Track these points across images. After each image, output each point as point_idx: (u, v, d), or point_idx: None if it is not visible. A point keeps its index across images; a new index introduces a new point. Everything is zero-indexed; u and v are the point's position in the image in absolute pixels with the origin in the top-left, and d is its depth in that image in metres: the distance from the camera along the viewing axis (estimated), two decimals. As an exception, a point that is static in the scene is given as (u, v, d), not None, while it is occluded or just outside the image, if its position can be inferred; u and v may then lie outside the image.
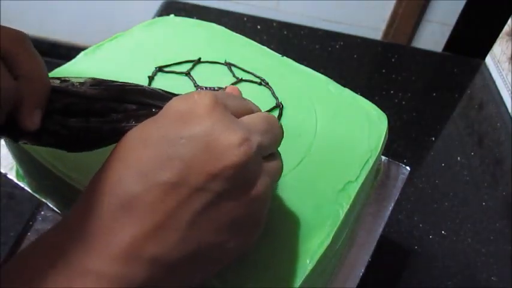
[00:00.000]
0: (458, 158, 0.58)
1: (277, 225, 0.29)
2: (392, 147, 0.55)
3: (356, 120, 0.37)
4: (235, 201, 0.23)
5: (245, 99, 0.27)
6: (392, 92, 0.66)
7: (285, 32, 0.74)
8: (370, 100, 0.39)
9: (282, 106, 0.37)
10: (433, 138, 0.60)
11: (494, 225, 0.50)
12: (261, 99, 0.37)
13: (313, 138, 0.35)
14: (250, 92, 0.38)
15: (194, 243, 0.22)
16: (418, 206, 0.51)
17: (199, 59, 0.40)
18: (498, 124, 0.64)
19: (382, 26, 1.36)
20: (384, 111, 0.39)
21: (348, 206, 0.31)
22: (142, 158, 0.22)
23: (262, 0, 1.36)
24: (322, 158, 0.34)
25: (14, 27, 0.25)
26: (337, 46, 0.73)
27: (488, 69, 0.73)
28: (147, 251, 0.21)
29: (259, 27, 0.72)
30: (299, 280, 0.27)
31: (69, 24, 1.60)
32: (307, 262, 0.28)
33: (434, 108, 0.65)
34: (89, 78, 0.26)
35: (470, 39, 1.07)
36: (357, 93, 0.40)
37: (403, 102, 0.65)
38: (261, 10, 1.34)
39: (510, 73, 0.67)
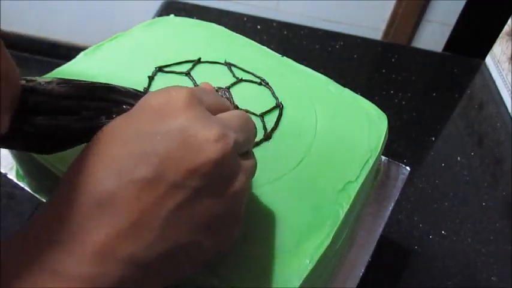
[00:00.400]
0: (458, 158, 0.58)
1: (277, 225, 0.29)
2: (392, 147, 0.55)
3: (356, 120, 0.37)
4: (212, 199, 0.22)
5: (220, 96, 0.27)
6: (392, 92, 0.66)
7: (285, 32, 0.74)
8: (370, 100, 0.39)
9: (282, 106, 0.37)
10: (433, 138, 0.60)
11: (494, 225, 0.50)
12: (261, 99, 0.37)
13: (313, 138, 0.35)
14: (250, 92, 0.38)
15: (171, 242, 0.21)
16: (418, 206, 0.51)
17: (199, 59, 0.40)
18: (498, 124, 0.64)
19: (382, 26, 1.36)
20: (384, 111, 0.39)
21: (348, 206, 0.31)
22: (117, 154, 0.22)
23: (262, 0, 1.36)
24: (322, 158, 0.34)
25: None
26: (337, 46, 0.73)
27: (488, 69, 0.73)
28: (122, 250, 0.20)
29: (259, 27, 0.72)
30: (299, 280, 0.27)
31: (69, 24, 1.60)
32: (306, 262, 0.28)
33: (434, 108, 0.65)
34: (56, 78, 0.25)
35: (470, 39, 1.07)
36: (356, 93, 0.40)
37: (403, 102, 0.65)
38: (261, 10, 1.34)
39: (510, 73, 0.67)
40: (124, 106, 0.26)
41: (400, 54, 0.76)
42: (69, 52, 1.75)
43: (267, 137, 0.35)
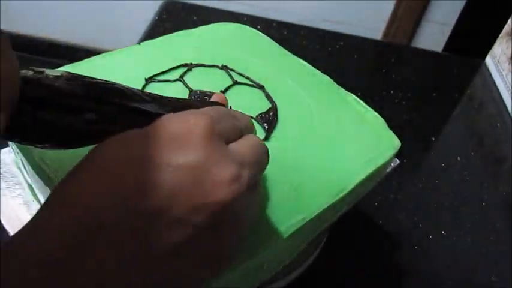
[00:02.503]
0: (458, 158, 0.58)
1: (269, 225, 0.29)
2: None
3: (360, 135, 0.36)
4: (216, 236, 0.21)
5: (234, 116, 0.26)
6: (392, 92, 0.66)
7: (285, 32, 0.74)
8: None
9: (277, 108, 0.37)
10: (433, 138, 0.60)
11: (494, 225, 0.50)
12: (257, 101, 0.38)
13: (310, 141, 0.35)
14: (246, 95, 0.38)
15: (163, 276, 0.20)
16: (418, 206, 0.51)
17: (191, 63, 0.40)
18: (498, 124, 0.64)
19: (382, 26, 1.36)
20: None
21: (343, 210, 0.31)
22: (123, 180, 0.20)
23: (262, 0, 1.36)
24: (318, 162, 0.34)
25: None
26: (337, 46, 0.73)
27: (488, 69, 0.73)
28: (116, 280, 0.19)
29: (259, 27, 0.72)
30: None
31: (69, 24, 1.60)
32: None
33: (434, 108, 0.65)
34: (66, 72, 0.25)
35: (470, 39, 1.07)
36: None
37: (403, 102, 0.65)
38: (261, 10, 1.34)
39: (510, 73, 0.67)
40: (132, 115, 0.25)
41: (400, 54, 0.76)
42: (69, 52, 1.76)
43: (265, 138, 0.35)
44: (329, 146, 0.35)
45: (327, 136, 0.36)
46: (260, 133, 0.35)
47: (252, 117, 0.36)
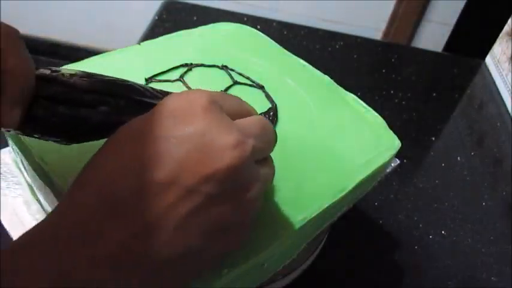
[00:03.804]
0: (458, 158, 0.58)
1: (267, 224, 0.29)
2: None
3: (360, 135, 0.36)
4: (226, 205, 0.22)
5: (241, 101, 0.27)
6: (392, 92, 0.66)
7: (285, 32, 0.74)
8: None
9: (277, 107, 0.37)
10: (433, 138, 0.60)
11: (494, 225, 0.50)
12: (258, 101, 0.38)
13: (310, 141, 0.35)
14: (246, 95, 0.38)
15: (181, 246, 0.21)
16: (418, 206, 0.51)
17: (191, 64, 0.40)
18: (498, 124, 0.64)
19: (382, 26, 1.36)
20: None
21: (343, 211, 0.31)
22: (134, 156, 0.21)
23: (262, 0, 1.36)
24: (318, 162, 0.34)
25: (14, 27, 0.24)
26: (337, 46, 0.73)
27: (488, 69, 0.73)
28: (132, 255, 0.20)
29: (259, 27, 0.72)
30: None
31: (69, 24, 1.60)
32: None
33: (434, 108, 0.65)
34: (80, 71, 0.26)
35: (470, 39, 1.07)
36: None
37: (403, 102, 0.65)
38: (261, 10, 1.34)
39: (510, 73, 0.67)
40: (145, 106, 0.26)
41: (400, 54, 0.76)
42: (69, 52, 1.76)
43: None
44: (329, 145, 0.35)
45: (327, 136, 0.36)
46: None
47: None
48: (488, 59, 0.74)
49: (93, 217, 0.20)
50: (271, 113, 0.37)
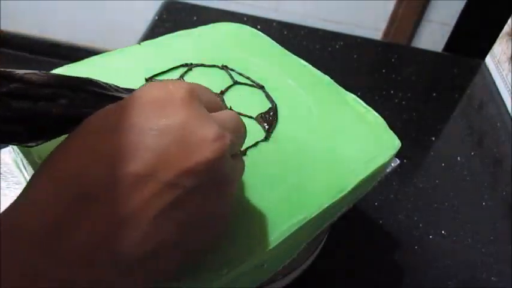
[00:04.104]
0: (458, 158, 0.58)
1: (264, 223, 0.29)
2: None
3: (360, 135, 0.36)
4: (204, 199, 0.21)
5: (215, 95, 0.26)
6: (392, 92, 0.66)
7: (285, 32, 0.74)
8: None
9: (277, 108, 0.37)
10: (433, 138, 0.60)
11: (494, 225, 0.50)
12: (257, 101, 0.38)
13: (310, 141, 0.35)
14: (246, 95, 0.38)
15: (156, 242, 0.20)
16: (418, 206, 0.51)
17: (191, 64, 0.40)
18: (498, 124, 0.64)
19: (382, 26, 1.36)
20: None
21: (342, 212, 0.31)
22: (109, 147, 0.20)
23: (262, 0, 1.36)
24: (318, 162, 0.34)
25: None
26: (337, 46, 0.73)
27: (488, 69, 0.73)
28: (105, 250, 0.19)
29: (259, 27, 0.72)
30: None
31: (69, 24, 1.60)
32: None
33: (434, 108, 0.65)
34: (37, 71, 0.25)
35: (470, 39, 1.07)
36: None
37: (403, 102, 0.65)
38: (261, 10, 1.34)
39: (510, 73, 0.67)
40: (111, 98, 0.25)
41: (400, 54, 0.76)
42: (69, 52, 1.76)
43: (265, 138, 0.35)
44: (329, 146, 0.35)
45: (327, 136, 0.36)
46: (260, 133, 0.35)
47: (252, 117, 0.36)
48: (488, 59, 0.74)
49: (64, 215, 0.19)
50: (271, 113, 0.37)
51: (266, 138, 0.35)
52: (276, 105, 0.38)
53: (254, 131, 0.35)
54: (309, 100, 0.38)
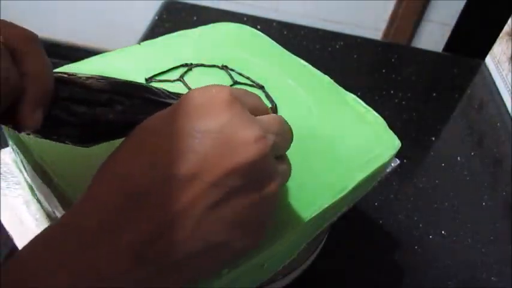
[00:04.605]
0: (458, 158, 0.58)
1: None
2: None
3: (360, 135, 0.36)
4: (246, 200, 0.22)
5: (260, 98, 0.27)
6: (392, 92, 0.66)
7: (285, 32, 0.74)
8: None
9: (276, 107, 0.37)
10: (433, 138, 0.60)
11: (494, 225, 0.50)
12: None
13: (310, 141, 0.35)
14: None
15: (202, 241, 0.21)
16: (418, 206, 0.51)
17: (191, 64, 0.40)
18: (498, 124, 0.64)
19: (382, 26, 1.36)
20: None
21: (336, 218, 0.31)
22: (155, 150, 0.22)
23: (262, 0, 1.36)
24: (318, 163, 0.34)
25: None
26: (337, 46, 0.73)
27: (488, 69, 0.73)
28: (154, 249, 0.20)
29: (259, 27, 0.72)
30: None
31: (69, 24, 1.60)
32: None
33: (434, 108, 0.65)
34: (96, 74, 0.27)
35: (470, 39, 1.07)
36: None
37: (403, 102, 0.65)
38: (261, 10, 1.34)
39: (510, 73, 0.67)
40: (162, 105, 0.26)
41: (400, 54, 0.76)
42: (69, 52, 1.75)
43: None
44: (329, 146, 0.35)
45: (327, 136, 0.36)
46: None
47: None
48: (488, 59, 0.74)
49: (116, 213, 0.20)
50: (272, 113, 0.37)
51: None
52: (275, 105, 0.38)
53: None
54: (309, 100, 0.38)
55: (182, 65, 0.40)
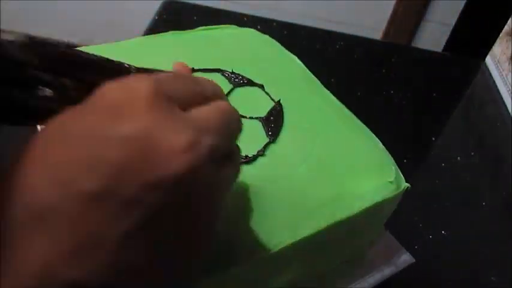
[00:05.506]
0: (458, 158, 0.58)
1: (264, 226, 0.29)
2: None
3: (363, 169, 0.35)
4: (176, 217, 0.18)
5: (197, 81, 0.22)
6: (392, 92, 0.66)
7: (285, 32, 0.74)
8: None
9: (282, 108, 0.37)
10: (433, 138, 0.60)
11: (494, 225, 0.50)
12: (260, 104, 0.37)
13: (313, 147, 0.34)
14: (246, 97, 0.38)
15: (121, 267, 0.17)
16: (418, 206, 0.51)
17: (193, 68, 0.40)
18: (498, 124, 0.64)
19: (382, 26, 1.36)
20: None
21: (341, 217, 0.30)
22: (61, 161, 0.17)
23: (262, 0, 1.36)
24: (320, 167, 0.33)
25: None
26: (337, 46, 0.73)
27: (488, 69, 0.73)
28: (65, 274, 0.17)
29: (259, 27, 0.72)
30: None
31: (69, 24, 1.60)
32: None
33: (434, 108, 0.65)
34: (24, 36, 0.21)
35: (470, 39, 1.07)
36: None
37: (403, 102, 0.65)
38: (261, 10, 1.34)
39: (510, 73, 0.67)
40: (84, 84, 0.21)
41: (400, 54, 0.76)
42: (69, 52, 1.75)
43: (272, 140, 0.34)
44: (330, 172, 0.33)
45: (329, 163, 0.34)
46: (263, 138, 0.34)
47: (252, 118, 0.36)
48: (488, 59, 0.74)
49: (14, 228, 0.17)
50: (275, 114, 0.36)
51: (273, 141, 0.34)
52: (280, 106, 0.37)
53: (257, 134, 0.34)
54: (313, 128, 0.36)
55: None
